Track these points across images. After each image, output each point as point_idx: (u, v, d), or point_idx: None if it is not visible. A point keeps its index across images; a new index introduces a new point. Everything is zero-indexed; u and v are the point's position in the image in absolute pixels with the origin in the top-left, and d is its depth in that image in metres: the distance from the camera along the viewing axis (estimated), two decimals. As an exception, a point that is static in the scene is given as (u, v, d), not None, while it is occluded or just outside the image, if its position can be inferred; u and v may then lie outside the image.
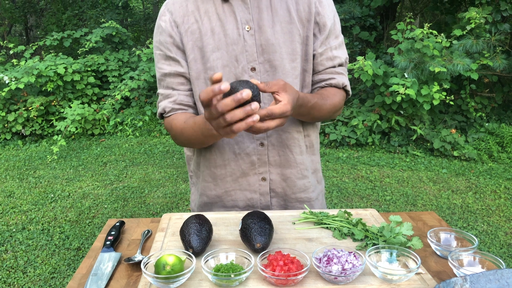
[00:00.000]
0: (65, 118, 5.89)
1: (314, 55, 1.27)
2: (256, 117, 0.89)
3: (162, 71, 1.28)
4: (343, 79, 1.30)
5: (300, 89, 1.28)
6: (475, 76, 4.86)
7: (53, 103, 6.07)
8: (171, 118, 1.27)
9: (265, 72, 1.23)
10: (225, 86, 0.86)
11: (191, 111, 1.28)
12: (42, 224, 3.59)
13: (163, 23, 1.25)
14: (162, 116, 1.32)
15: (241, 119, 0.90)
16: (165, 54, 1.26)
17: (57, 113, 6.09)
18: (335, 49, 1.29)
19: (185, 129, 1.20)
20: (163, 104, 1.28)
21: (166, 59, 1.27)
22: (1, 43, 6.73)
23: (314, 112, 1.20)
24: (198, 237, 1.03)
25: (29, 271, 2.93)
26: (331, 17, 1.26)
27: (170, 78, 1.27)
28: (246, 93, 0.85)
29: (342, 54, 1.30)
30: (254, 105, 0.87)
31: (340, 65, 1.30)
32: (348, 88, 1.32)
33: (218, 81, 0.88)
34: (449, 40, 4.95)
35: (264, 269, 0.92)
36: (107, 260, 1.06)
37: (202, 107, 1.25)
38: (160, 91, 1.31)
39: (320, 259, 0.97)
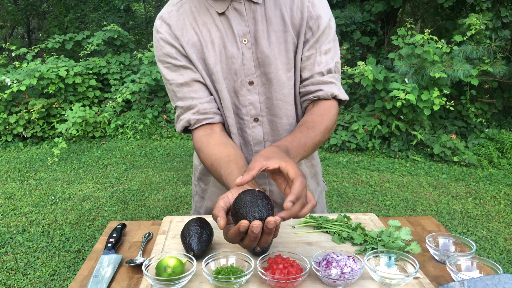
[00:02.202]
0: (66, 120, 5.90)
1: (301, 59, 1.21)
2: (278, 219, 0.85)
3: (176, 82, 1.20)
4: (332, 89, 1.21)
5: (294, 99, 1.24)
6: (475, 82, 4.87)
7: (54, 106, 6.08)
8: (200, 150, 1.18)
9: (262, 85, 1.21)
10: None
11: (217, 118, 1.22)
12: (43, 226, 3.60)
13: (162, 36, 1.19)
14: (186, 129, 1.25)
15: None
16: (173, 65, 1.20)
17: (58, 116, 6.10)
18: (325, 54, 1.21)
19: (211, 171, 1.15)
20: (186, 117, 1.21)
21: (177, 70, 1.20)
22: (3, 45, 6.76)
23: (308, 153, 1.13)
24: (198, 240, 1.04)
25: (29, 273, 2.93)
26: (326, 20, 1.20)
27: (186, 87, 1.20)
28: (256, 226, 0.83)
29: (331, 59, 1.22)
30: (272, 220, 0.83)
31: (329, 72, 1.22)
32: (340, 97, 1.22)
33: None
34: (449, 46, 4.97)
35: (264, 272, 0.93)
36: (108, 262, 1.07)
37: (227, 110, 1.22)
38: (178, 103, 1.22)
39: (319, 262, 0.98)
